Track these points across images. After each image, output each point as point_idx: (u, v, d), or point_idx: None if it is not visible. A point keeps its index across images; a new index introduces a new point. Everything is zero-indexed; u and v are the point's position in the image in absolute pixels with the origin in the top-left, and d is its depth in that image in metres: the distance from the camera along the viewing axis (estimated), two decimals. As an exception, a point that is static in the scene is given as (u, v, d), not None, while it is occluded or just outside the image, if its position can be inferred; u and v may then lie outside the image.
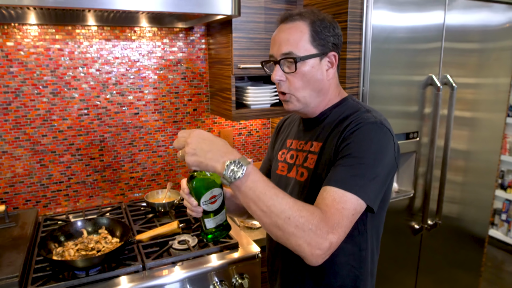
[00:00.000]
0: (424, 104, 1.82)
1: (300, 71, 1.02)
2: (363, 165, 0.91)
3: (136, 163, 1.97)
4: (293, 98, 1.05)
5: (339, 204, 0.85)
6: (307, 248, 0.81)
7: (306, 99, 1.05)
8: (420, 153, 1.86)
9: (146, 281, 1.29)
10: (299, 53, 1.00)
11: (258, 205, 0.82)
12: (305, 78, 1.02)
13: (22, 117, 1.71)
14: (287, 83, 1.04)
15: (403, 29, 1.67)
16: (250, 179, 0.82)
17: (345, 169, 0.91)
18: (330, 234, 0.82)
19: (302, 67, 1.01)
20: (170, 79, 1.97)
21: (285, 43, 1.02)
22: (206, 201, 0.96)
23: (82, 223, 1.50)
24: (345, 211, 0.85)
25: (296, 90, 1.04)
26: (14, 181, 1.75)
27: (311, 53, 1.01)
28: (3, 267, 1.25)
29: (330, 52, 1.03)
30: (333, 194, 0.87)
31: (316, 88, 1.04)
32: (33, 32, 1.67)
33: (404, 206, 1.87)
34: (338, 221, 0.83)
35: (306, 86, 1.03)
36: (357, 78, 1.65)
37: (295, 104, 1.06)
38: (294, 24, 1.02)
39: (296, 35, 1.01)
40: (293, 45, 1.01)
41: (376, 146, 0.94)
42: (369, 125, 0.96)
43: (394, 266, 1.92)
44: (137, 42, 1.87)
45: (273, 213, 0.81)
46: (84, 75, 1.79)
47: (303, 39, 1.00)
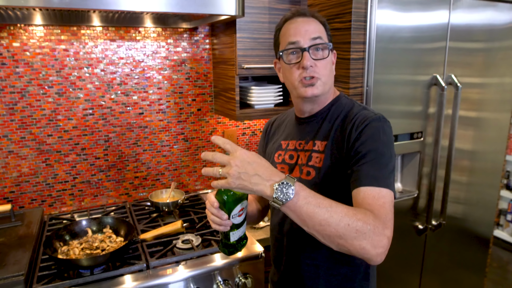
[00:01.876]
0: (428, 104, 1.81)
1: (328, 58, 1.08)
2: (382, 159, 0.96)
3: (141, 162, 1.98)
4: (320, 82, 1.07)
5: (379, 200, 0.89)
6: (371, 249, 0.82)
7: (327, 86, 1.09)
8: (425, 153, 1.85)
9: (150, 280, 1.30)
10: (325, 41, 1.08)
11: (315, 220, 0.81)
12: (329, 66, 1.09)
13: (28, 117, 1.73)
14: (316, 68, 1.06)
15: (408, 28, 1.66)
16: (301, 198, 0.81)
17: (370, 166, 0.95)
18: (385, 230, 0.84)
19: (329, 55, 1.08)
20: (175, 79, 1.98)
21: (313, 30, 1.06)
22: (235, 214, 0.93)
23: (87, 222, 1.52)
24: (387, 205, 0.89)
25: (323, 75, 1.07)
26: (20, 180, 1.76)
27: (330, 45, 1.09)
28: (9, 266, 1.27)
29: (334, 50, 1.13)
30: (371, 193, 0.90)
31: (332, 78, 1.12)
32: (39, 32, 1.68)
33: (408, 206, 1.87)
34: (386, 215, 0.87)
35: (329, 74, 1.09)
36: (361, 78, 1.64)
37: (319, 88, 1.07)
38: (311, 19, 1.09)
39: (318, 26, 1.08)
40: (321, 32, 1.08)
41: (386, 139, 0.99)
42: (375, 121, 1.01)
43: (398, 266, 1.91)
44: (142, 43, 1.88)
45: (332, 225, 0.80)
46: (89, 75, 1.80)
47: (323, 31, 1.09)
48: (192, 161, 2.10)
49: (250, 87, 1.83)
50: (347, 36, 1.61)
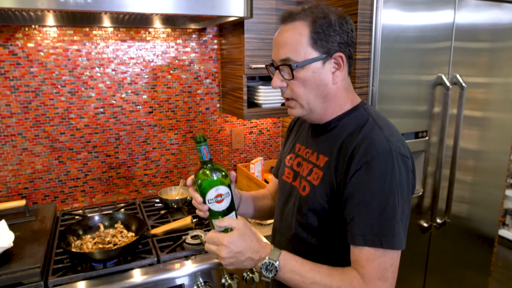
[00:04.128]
0: (433, 104, 1.83)
1: (300, 77, 0.93)
2: (386, 210, 0.84)
3: (150, 160, 2.03)
4: (297, 104, 0.98)
5: (374, 262, 0.84)
6: None
7: (310, 105, 0.96)
8: (429, 153, 1.88)
9: (160, 273, 1.34)
10: (297, 58, 0.92)
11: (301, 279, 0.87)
12: (307, 83, 0.93)
13: (41, 116, 1.78)
14: (289, 89, 0.97)
15: (413, 28, 1.69)
16: (286, 272, 0.87)
17: (369, 219, 0.84)
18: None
19: (302, 73, 0.93)
20: (183, 79, 2.02)
21: (282, 48, 0.93)
22: (212, 199, 0.94)
23: (99, 217, 1.56)
24: (382, 266, 0.84)
25: (298, 96, 0.96)
26: (33, 177, 1.82)
27: (312, 56, 0.91)
28: (25, 258, 1.31)
29: (336, 53, 0.93)
30: (365, 254, 0.85)
31: (320, 93, 0.95)
32: (52, 33, 1.73)
33: (413, 205, 1.89)
34: (380, 279, 0.84)
35: (308, 92, 0.94)
36: (366, 78, 1.67)
37: (298, 110, 0.98)
38: (294, 25, 0.93)
39: (294, 38, 0.92)
40: (291, 50, 0.92)
41: (396, 183, 0.85)
42: (384, 157, 0.86)
43: (402, 264, 1.92)
44: (152, 43, 1.92)
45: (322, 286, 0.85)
46: (101, 75, 1.85)
47: (302, 42, 0.91)
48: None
49: (257, 86, 1.87)
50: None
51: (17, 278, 1.23)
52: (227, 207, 0.96)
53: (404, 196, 0.86)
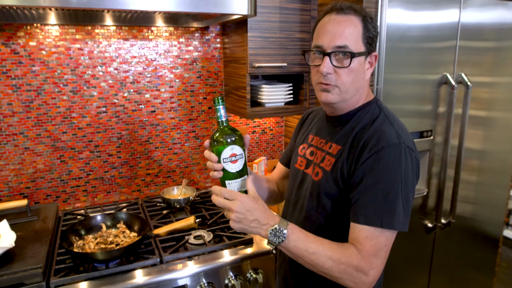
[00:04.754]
0: (438, 103, 1.82)
1: (351, 67, 0.99)
2: (389, 195, 0.92)
3: (152, 160, 2.02)
4: (336, 91, 1.02)
5: (372, 241, 0.91)
6: (354, 286, 0.92)
7: (347, 95, 1.03)
8: (434, 152, 1.86)
9: (163, 274, 1.33)
10: (354, 49, 0.98)
11: (304, 259, 0.94)
12: (353, 74, 1.00)
13: (43, 115, 1.77)
14: (335, 76, 1.00)
15: (418, 27, 1.67)
16: (292, 241, 0.93)
17: (371, 201, 0.92)
18: (370, 271, 0.91)
19: (353, 63, 0.99)
20: (186, 78, 2.01)
21: (340, 36, 0.98)
22: (227, 158, 0.96)
23: (101, 217, 1.55)
24: (378, 245, 0.91)
25: (342, 83, 1.01)
26: (35, 176, 1.81)
27: (362, 50, 1.00)
28: (27, 259, 1.30)
29: (373, 52, 1.03)
30: (365, 232, 0.92)
31: (357, 86, 1.03)
32: (54, 32, 1.72)
33: (418, 205, 1.88)
34: (374, 256, 0.91)
35: (352, 81, 1.01)
36: (371, 77, 1.66)
37: (335, 96, 1.03)
38: (349, 17, 0.99)
39: (351, 29, 0.98)
40: (350, 40, 0.98)
41: (401, 172, 0.93)
42: (393, 148, 0.94)
43: (407, 264, 1.92)
44: (154, 42, 1.91)
45: (317, 266, 0.93)
46: (103, 73, 1.84)
47: (358, 35, 0.98)
48: (202, 158, 2.13)
49: (261, 85, 1.86)
50: (357, 35, 1.62)
51: (19, 278, 1.22)
52: (240, 168, 0.98)
53: (408, 185, 0.94)
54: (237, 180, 0.98)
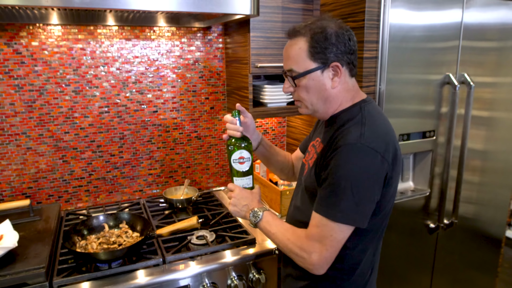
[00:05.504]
0: (441, 103, 1.81)
1: (302, 85, 1.10)
2: (338, 189, 1.00)
3: (155, 160, 2.01)
4: (302, 105, 1.16)
5: (319, 228, 1.04)
6: (303, 265, 1.08)
7: (314, 107, 1.13)
8: (437, 152, 1.86)
9: (166, 274, 1.32)
10: (299, 69, 1.09)
11: (270, 239, 1.17)
12: (309, 89, 1.10)
13: (46, 115, 1.76)
14: (296, 93, 1.14)
15: (421, 27, 1.67)
16: (263, 222, 1.17)
17: (327, 194, 1.03)
18: (313, 253, 1.04)
19: (303, 81, 1.09)
20: (188, 78, 2.00)
21: (287, 60, 1.12)
22: (236, 159, 1.23)
23: (104, 217, 1.55)
24: (323, 233, 1.03)
25: (303, 99, 1.14)
26: (37, 176, 1.80)
27: (311, 67, 1.07)
28: (30, 259, 1.30)
29: (333, 63, 1.07)
30: (316, 220, 1.05)
31: (321, 97, 1.11)
32: (56, 32, 1.72)
33: (420, 205, 1.87)
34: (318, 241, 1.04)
35: (311, 96, 1.11)
36: (374, 77, 1.65)
37: (304, 109, 1.17)
38: (295, 40, 1.09)
39: (295, 52, 1.09)
40: (293, 62, 1.10)
41: (356, 169, 0.99)
42: (349, 146, 1.01)
43: (409, 265, 1.92)
44: (156, 42, 1.91)
45: (279, 245, 1.14)
46: (105, 73, 1.84)
47: (302, 55, 1.08)
48: (205, 158, 2.13)
49: (263, 85, 1.85)
50: (360, 35, 1.62)
51: (22, 278, 1.22)
52: (246, 170, 1.25)
53: (362, 183, 0.99)
54: (242, 178, 1.25)
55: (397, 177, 1.09)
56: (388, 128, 1.09)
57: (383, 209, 1.09)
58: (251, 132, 1.35)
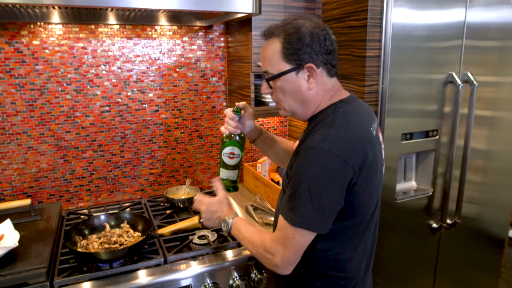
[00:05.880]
0: (444, 103, 1.80)
1: (278, 87, 1.09)
2: (296, 191, 0.99)
3: (156, 159, 2.01)
4: (281, 106, 1.14)
5: (282, 231, 1.04)
6: (268, 266, 1.10)
7: (291, 108, 1.12)
8: (440, 152, 1.85)
9: (167, 274, 1.32)
10: (273, 71, 1.07)
11: (242, 244, 1.20)
12: (285, 91, 1.08)
13: (47, 114, 1.76)
14: (273, 95, 1.13)
15: (423, 27, 1.66)
16: (233, 230, 1.21)
17: (289, 197, 1.02)
18: (276, 254, 1.05)
19: (278, 83, 1.08)
20: (189, 77, 2.00)
21: (263, 61, 1.11)
22: (226, 153, 1.30)
23: (105, 217, 1.54)
24: (285, 236, 1.02)
25: (280, 101, 1.12)
26: (39, 176, 1.80)
27: (285, 69, 1.05)
28: (31, 258, 1.29)
29: (307, 64, 1.04)
30: (280, 222, 1.05)
31: (297, 99, 1.09)
32: (57, 31, 1.71)
33: (423, 205, 1.86)
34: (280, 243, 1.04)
35: (287, 98, 1.10)
36: (376, 76, 1.64)
37: (283, 111, 1.16)
38: (269, 41, 1.08)
39: (269, 54, 1.07)
40: (268, 64, 1.08)
41: (315, 174, 0.97)
42: (309, 150, 0.99)
43: (411, 265, 1.91)
44: (158, 41, 1.90)
45: (248, 249, 1.17)
46: (106, 72, 1.83)
47: (276, 57, 1.06)
48: (206, 158, 2.12)
49: (264, 85, 1.84)
50: (362, 34, 1.61)
51: (23, 278, 1.22)
52: (234, 164, 1.32)
53: (320, 188, 0.97)
54: (228, 171, 1.33)
55: (369, 184, 1.04)
56: (360, 132, 1.04)
57: (358, 214, 1.06)
58: (248, 128, 1.37)
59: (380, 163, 1.11)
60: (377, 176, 1.09)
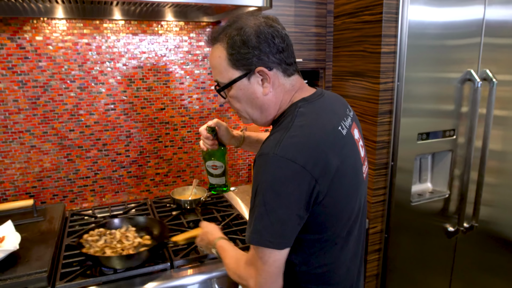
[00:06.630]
0: (461, 102, 1.73)
1: (232, 95, 1.00)
2: (254, 207, 0.89)
3: (162, 159, 1.95)
4: (242, 115, 1.05)
5: (250, 251, 0.94)
6: None
7: (251, 116, 1.03)
8: (456, 153, 1.77)
9: (174, 279, 1.26)
10: (223, 80, 0.98)
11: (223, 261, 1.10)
12: (239, 99, 0.99)
13: (50, 112, 1.71)
14: (230, 104, 1.04)
15: (441, 24, 1.59)
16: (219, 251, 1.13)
17: (249, 215, 0.92)
18: (249, 279, 0.94)
19: (232, 92, 0.99)
20: (196, 74, 1.94)
21: (212, 70, 1.02)
22: (210, 166, 1.36)
23: (118, 220, 1.47)
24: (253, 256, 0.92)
25: (237, 110, 1.04)
26: (42, 175, 1.75)
27: (235, 76, 0.96)
28: (32, 261, 1.25)
29: (257, 68, 0.94)
30: None
31: (255, 106, 0.99)
32: (61, 26, 1.66)
33: (438, 207, 1.79)
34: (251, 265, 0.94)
35: (244, 106, 1.01)
36: (392, 73, 1.58)
37: (244, 120, 1.07)
38: (214, 48, 0.98)
39: (216, 61, 0.98)
40: (217, 73, 0.99)
41: (268, 184, 0.85)
42: (262, 158, 0.87)
43: (426, 269, 1.84)
44: (164, 37, 1.84)
45: (227, 268, 1.06)
46: (111, 69, 1.78)
47: (222, 65, 0.97)
48: (213, 158, 2.06)
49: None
50: (377, 29, 1.55)
51: (23, 283, 1.17)
52: (219, 173, 1.37)
53: (274, 199, 0.86)
54: (215, 178, 1.39)
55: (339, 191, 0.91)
56: (322, 134, 0.90)
57: (332, 226, 0.94)
58: (227, 141, 1.35)
59: (354, 166, 0.97)
60: (351, 181, 0.96)
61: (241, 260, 0.99)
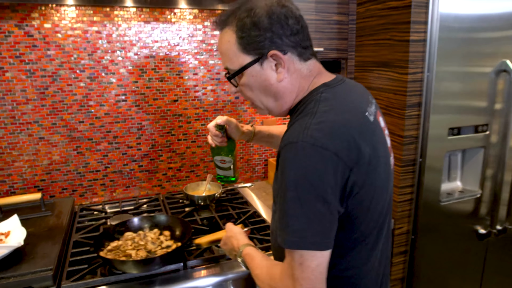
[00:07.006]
0: (495, 97, 1.61)
1: (244, 83, 0.91)
2: (285, 205, 0.77)
3: (175, 153, 1.87)
4: (253, 104, 0.97)
5: (287, 259, 0.80)
6: None
7: (265, 105, 0.94)
8: (489, 151, 1.65)
9: (187, 280, 1.18)
10: (233, 67, 0.90)
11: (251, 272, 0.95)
12: (252, 87, 0.91)
13: (59, 102, 1.64)
14: (242, 93, 0.96)
15: (474, 17, 1.47)
16: (246, 259, 0.99)
17: (279, 213, 0.81)
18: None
19: (243, 79, 0.90)
20: (211, 65, 1.85)
21: (222, 57, 0.94)
22: (218, 160, 1.35)
23: (138, 220, 1.39)
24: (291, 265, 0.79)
25: (250, 99, 0.95)
26: (50, 168, 1.69)
27: (246, 62, 0.87)
28: (37, 259, 1.18)
29: (270, 52, 0.85)
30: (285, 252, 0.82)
31: (269, 93, 0.91)
32: (70, 13, 1.59)
33: (469, 208, 1.67)
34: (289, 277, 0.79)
35: (257, 94, 0.92)
36: (421, 63, 1.46)
37: (259, 110, 0.99)
38: (223, 33, 0.90)
39: (225, 47, 0.90)
40: (227, 59, 0.91)
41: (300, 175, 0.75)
42: (288, 147, 0.77)
43: (455, 273, 1.72)
44: (177, 25, 1.76)
45: (258, 280, 0.92)
46: (122, 59, 1.70)
47: (232, 50, 0.88)
48: (227, 152, 1.98)
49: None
50: (405, 15, 1.43)
51: (27, 282, 1.10)
52: (227, 167, 1.35)
53: (310, 191, 0.75)
54: (224, 170, 1.37)
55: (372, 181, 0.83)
56: (350, 121, 0.81)
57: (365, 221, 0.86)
58: (237, 137, 1.31)
59: (384, 155, 0.89)
60: (383, 171, 0.88)
61: (274, 269, 0.86)
